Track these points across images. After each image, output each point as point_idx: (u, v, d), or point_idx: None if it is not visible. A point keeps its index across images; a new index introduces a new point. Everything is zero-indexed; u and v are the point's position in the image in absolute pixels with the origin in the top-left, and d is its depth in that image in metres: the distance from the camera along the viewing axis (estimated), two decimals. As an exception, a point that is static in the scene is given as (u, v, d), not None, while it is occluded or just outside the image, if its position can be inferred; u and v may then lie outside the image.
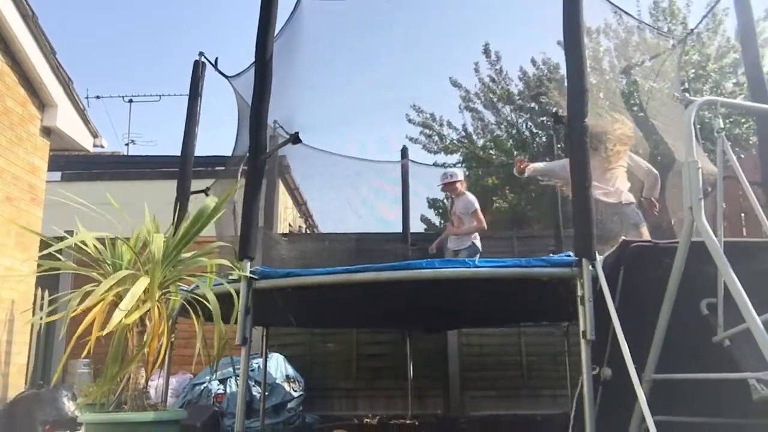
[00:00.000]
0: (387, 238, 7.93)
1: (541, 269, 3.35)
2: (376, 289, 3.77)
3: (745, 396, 2.52)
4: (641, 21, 8.47)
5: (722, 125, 2.83)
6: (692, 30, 8.41)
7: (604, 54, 8.75)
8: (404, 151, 8.35)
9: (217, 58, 5.66)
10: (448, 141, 12.78)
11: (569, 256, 3.31)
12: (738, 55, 9.17)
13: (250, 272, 3.54)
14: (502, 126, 12.47)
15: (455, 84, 12.22)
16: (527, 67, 11.96)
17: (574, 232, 3.25)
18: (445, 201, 13.65)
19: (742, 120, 9.24)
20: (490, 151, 12.45)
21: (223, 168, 6.66)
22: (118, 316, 2.75)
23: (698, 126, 2.85)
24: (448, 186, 6.82)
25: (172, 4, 36.19)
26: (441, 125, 12.82)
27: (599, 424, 2.97)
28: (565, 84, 3.75)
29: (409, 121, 12.52)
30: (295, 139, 4.01)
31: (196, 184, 5.43)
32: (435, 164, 12.51)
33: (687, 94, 2.95)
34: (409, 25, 5.35)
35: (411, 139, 12.41)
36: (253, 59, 3.94)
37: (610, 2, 5.55)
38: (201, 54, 5.59)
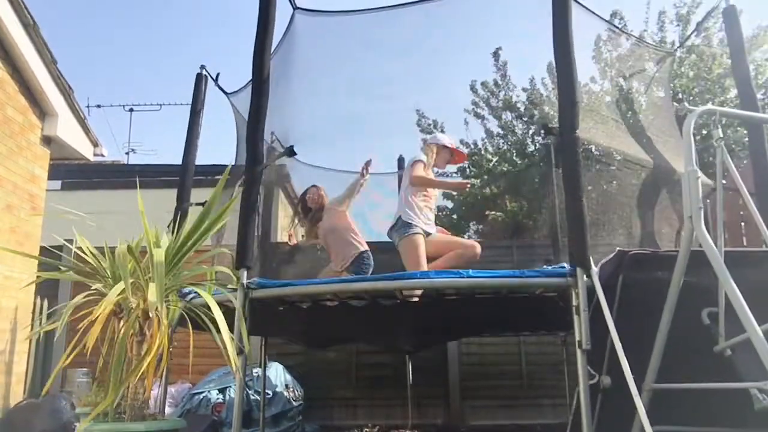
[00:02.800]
0: (384, 249, 7.92)
1: (536, 280, 3.35)
2: (373, 301, 3.77)
3: (746, 406, 2.51)
4: (629, 34, 8.53)
5: (721, 134, 2.84)
6: (681, 44, 8.48)
7: (604, 65, 8.79)
8: (401, 162, 8.36)
9: (218, 74, 5.74)
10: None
11: (563, 267, 3.31)
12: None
13: (247, 284, 3.54)
14: (506, 135, 12.46)
15: (473, 89, 12.19)
16: (524, 83, 11.99)
17: (568, 241, 3.26)
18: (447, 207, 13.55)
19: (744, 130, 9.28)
20: (494, 162, 12.44)
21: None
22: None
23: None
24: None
25: (173, 13, 36.36)
26: (443, 131, 12.80)
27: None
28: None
29: (420, 128, 12.48)
30: (290, 152, 4.03)
31: (195, 193, 5.45)
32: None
33: (686, 104, 2.96)
34: (406, 37, 5.39)
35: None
36: (251, 75, 3.96)
37: (601, 17, 5.59)
38: (203, 67, 5.66)
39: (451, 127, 12.79)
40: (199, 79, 5.65)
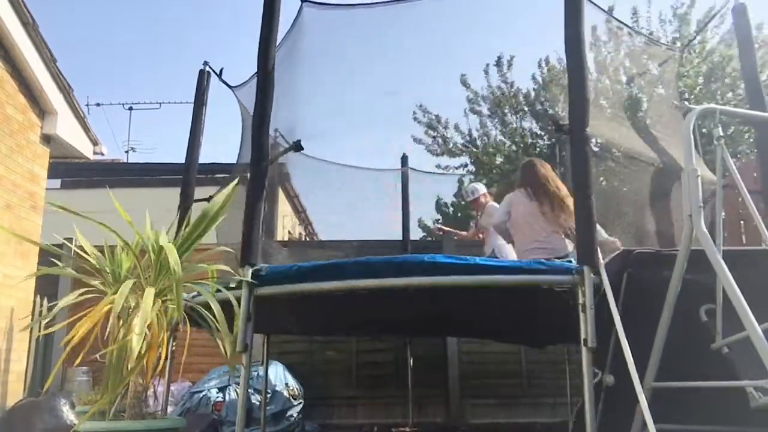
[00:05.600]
0: (387, 246, 7.94)
1: (542, 276, 3.33)
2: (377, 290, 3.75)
3: (743, 404, 2.52)
4: (638, 32, 8.53)
5: (721, 133, 2.84)
6: (690, 42, 8.47)
7: (609, 63, 8.79)
8: (404, 159, 8.38)
9: (222, 69, 5.74)
10: (451, 144, 12.80)
11: (570, 261, 3.30)
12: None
13: (254, 271, 3.51)
14: (506, 132, 12.47)
15: (464, 83, 12.17)
16: (535, 70, 11.99)
17: (575, 239, 3.24)
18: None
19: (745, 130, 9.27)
20: (493, 156, 12.45)
21: (226, 176, 6.65)
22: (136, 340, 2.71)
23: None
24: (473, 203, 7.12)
25: (172, 12, 36.32)
26: (446, 128, 12.83)
27: (601, 431, 2.96)
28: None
29: (416, 119, 12.47)
30: (296, 146, 3.99)
31: (197, 192, 5.45)
32: (438, 166, 12.51)
33: (686, 103, 2.97)
34: (415, 31, 5.37)
35: (415, 140, 12.33)
36: (256, 69, 3.95)
37: (610, 14, 5.59)
38: (206, 63, 5.67)
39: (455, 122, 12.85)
40: (202, 76, 5.66)
